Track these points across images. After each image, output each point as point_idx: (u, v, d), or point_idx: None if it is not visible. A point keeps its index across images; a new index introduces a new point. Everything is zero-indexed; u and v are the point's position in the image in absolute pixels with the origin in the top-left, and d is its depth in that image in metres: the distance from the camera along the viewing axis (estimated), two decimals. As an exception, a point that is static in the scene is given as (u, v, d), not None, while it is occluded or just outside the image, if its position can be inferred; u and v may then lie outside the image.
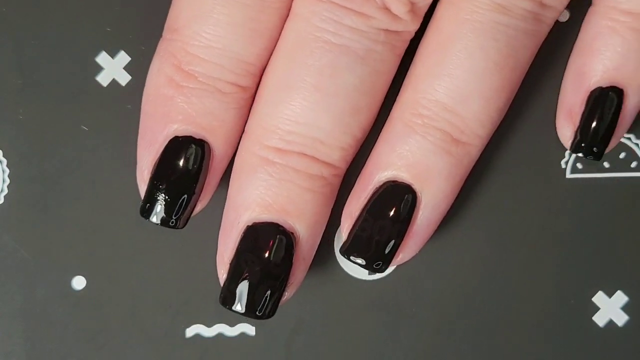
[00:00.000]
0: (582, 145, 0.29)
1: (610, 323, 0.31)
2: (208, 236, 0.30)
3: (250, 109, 0.29)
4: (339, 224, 0.31)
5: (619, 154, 0.31)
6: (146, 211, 0.28)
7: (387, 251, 0.28)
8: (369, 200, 0.29)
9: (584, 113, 0.29)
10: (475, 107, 0.28)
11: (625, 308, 0.31)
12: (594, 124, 0.29)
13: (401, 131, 0.28)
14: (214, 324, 0.31)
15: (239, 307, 0.28)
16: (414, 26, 0.28)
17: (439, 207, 0.29)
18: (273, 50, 0.28)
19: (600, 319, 0.31)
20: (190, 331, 0.31)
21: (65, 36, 0.31)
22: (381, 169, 0.29)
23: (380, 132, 0.29)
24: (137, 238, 0.31)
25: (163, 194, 0.28)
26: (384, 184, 0.28)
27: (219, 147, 0.28)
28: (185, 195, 0.28)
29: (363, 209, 0.29)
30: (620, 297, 0.31)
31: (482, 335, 0.31)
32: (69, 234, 0.31)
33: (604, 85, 0.29)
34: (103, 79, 0.31)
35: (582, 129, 0.29)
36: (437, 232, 0.31)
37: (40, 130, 0.31)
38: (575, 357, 0.31)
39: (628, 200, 0.31)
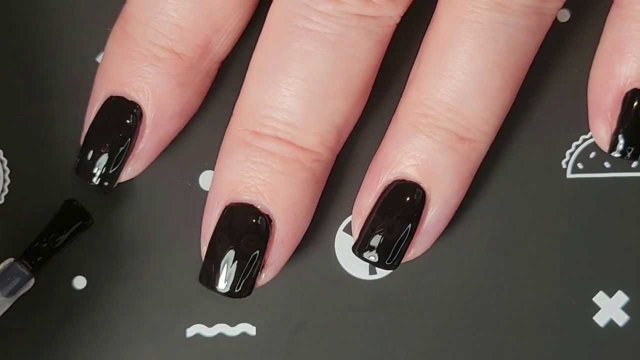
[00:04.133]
0: (621, 146, 0.29)
1: (611, 323, 0.31)
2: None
3: (195, 81, 0.29)
4: (339, 225, 0.31)
5: (619, 153, 0.31)
6: (77, 167, 0.29)
7: (398, 248, 0.29)
8: (378, 199, 0.29)
9: (620, 114, 0.29)
10: (479, 106, 0.28)
11: (625, 308, 0.31)
12: (631, 125, 0.29)
13: (407, 130, 0.29)
14: (215, 324, 0.31)
15: (221, 286, 0.28)
16: (393, 11, 0.28)
17: (449, 202, 0.29)
18: (218, 21, 0.28)
19: (600, 319, 0.31)
20: (190, 331, 0.31)
21: (65, 36, 0.31)
22: (389, 167, 0.29)
23: (387, 129, 0.29)
24: (137, 238, 0.31)
25: (92, 152, 0.29)
26: (393, 182, 0.29)
27: (148, 112, 0.29)
28: (114, 155, 0.29)
29: (373, 208, 0.29)
30: (621, 297, 0.31)
31: (482, 336, 0.31)
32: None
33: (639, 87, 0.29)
34: (103, 79, 0.31)
35: (618, 129, 0.29)
36: (438, 231, 0.31)
37: (40, 130, 0.31)
38: (575, 357, 0.31)
39: (628, 200, 0.31)
